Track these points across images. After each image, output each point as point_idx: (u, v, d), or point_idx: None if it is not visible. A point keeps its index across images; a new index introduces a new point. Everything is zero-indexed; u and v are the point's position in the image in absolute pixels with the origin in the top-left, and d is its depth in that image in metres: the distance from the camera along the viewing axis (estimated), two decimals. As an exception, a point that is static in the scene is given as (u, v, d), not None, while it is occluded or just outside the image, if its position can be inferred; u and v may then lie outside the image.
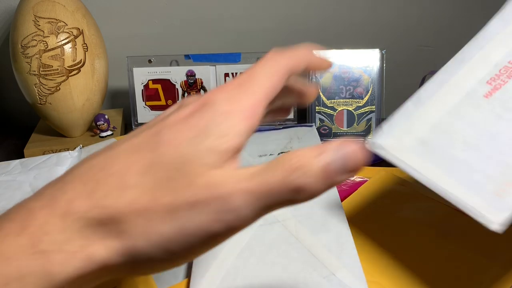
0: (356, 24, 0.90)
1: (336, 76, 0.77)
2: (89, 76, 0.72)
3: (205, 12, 0.89)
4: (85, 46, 0.71)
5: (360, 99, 0.77)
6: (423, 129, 0.29)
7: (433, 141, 0.27)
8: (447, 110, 0.28)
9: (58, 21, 0.69)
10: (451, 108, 0.28)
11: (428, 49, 0.92)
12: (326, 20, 0.89)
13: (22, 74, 0.70)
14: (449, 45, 0.92)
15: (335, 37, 0.90)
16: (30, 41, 0.68)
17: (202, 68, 0.80)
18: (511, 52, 0.27)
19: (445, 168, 0.26)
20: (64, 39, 0.69)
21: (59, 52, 0.69)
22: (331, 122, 0.77)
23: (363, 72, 0.76)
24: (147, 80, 0.80)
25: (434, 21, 0.90)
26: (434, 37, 0.91)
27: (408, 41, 0.91)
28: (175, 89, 0.80)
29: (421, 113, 0.29)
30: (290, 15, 0.89)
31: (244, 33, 0.90)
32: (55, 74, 0.69)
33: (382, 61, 0.77)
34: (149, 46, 0.89)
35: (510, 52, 0.27)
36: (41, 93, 0.70)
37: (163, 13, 0.88)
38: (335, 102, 0.77)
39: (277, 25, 0.89)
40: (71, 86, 0.70)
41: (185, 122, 0.25)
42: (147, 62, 0.79)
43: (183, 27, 0.89)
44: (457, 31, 0.91)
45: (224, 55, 0.80)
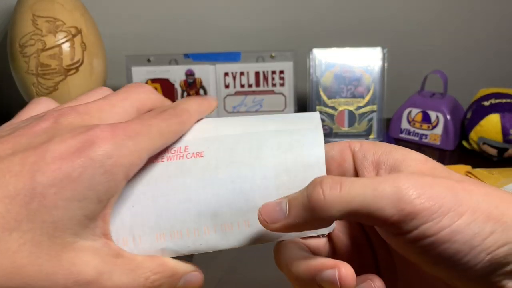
0: (358, 23, 0.89)
1: (337, 76, 0.76)
2: (87, 75, 0.71)
3: (204, 11, 0.88)
4: (83, 45, 0.70)
5: (361, 99, 0.76)
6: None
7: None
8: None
9: (57, 20, 0.68)
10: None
11: (430, 48, 0.91)
12: (326, 19, 0.89)
13: (20, 74, 0.69)
14: (451, 45, 0.91)
15: (336, 36, 0.89)
16: (28, 40, 0.67)
17: (201, 68, 0.79)
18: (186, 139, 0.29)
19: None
20: (62, 38, 0.68)
21: (57, 51, 0.68)
22: (332, 122, 0.77)
23: (364, 72, 0.76)
24: (146, 80, 0.79)
25: (435, 20, 0.90)
26: (435, 36, 0.91)
27: (410, 40, 0.90)
28: (174, 88, 0.80)
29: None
30: (290, 14, 0.88)
31: (244, 32, 0.89)
32: (53, 74, 0.68)
33: (383, 60, 0.76)
34: (148, 45, 0.89)
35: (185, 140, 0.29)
36: (39, 93, 0.69)
37: (162, 12, 0.88)
38: (336, 102, 0.77)
39: (277, 24, 0.89)
40: (69, 86, 0.70)
41: (65, 164, 0.22)
42: (146, 61, 0.79)
43: (182, 26, 0.89)
44: (459, 30, 0.90)
45: (223, 54, 0.79)
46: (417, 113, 0.78)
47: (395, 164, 0.25)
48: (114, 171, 0.23)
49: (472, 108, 0.76)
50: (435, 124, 0.76)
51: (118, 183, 0.23)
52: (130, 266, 0.24)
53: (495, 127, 0.71)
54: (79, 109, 0.25)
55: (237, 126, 0.29)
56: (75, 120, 0.24)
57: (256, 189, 0.26)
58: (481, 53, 0.92)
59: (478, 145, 0.73)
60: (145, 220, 0.26)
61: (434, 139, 0.77)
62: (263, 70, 0.79)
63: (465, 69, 0.92)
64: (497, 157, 0.72)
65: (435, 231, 0.22)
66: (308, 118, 0.29)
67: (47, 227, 0.21)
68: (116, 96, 0.27)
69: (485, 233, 0.22)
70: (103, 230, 0.24)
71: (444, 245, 0.22)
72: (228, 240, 0.27)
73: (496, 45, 0.91)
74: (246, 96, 0.80)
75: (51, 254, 0.21)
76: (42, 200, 0.21)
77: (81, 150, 0.22)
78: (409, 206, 0.22)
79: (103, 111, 0.25)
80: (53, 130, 0.23)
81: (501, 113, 0.71)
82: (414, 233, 0.22)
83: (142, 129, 0.24)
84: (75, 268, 0.22)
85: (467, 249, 0.22)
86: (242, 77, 0.79)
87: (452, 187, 0.23)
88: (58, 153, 0.22)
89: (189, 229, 0.26)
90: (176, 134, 0.27)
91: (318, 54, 0.76)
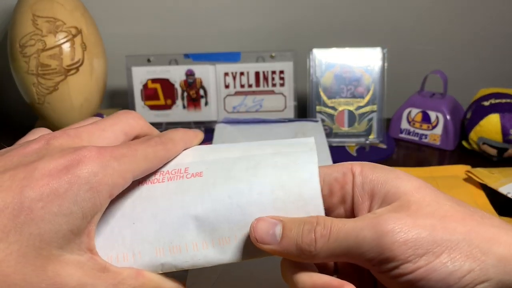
0: (357, 23, 0.89)
1: (337, 76, 0.76)
2: (87, 75, 0.71)
3: (204, 11, 0.88)
4: (83, 45, 0.70)
5: (361, 99, 0.76)
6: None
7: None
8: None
9: (57, 20, 0.68)
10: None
11: (430, 48, 0.91)
12: (326, 19, 0.89)
13: (20, 74, 0.69)
14: (451, 45, 0.91)
15: (336, 36, 0.89)
16: (28, 40, 0.67)
17: (201, 67, 0.79)
18: (183, 162, 0.30)
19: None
20: (62, 38, 0.68)
21: (58, 51, 0.68)
22: (332, 122, 0.77)
23: (364, 72, 0.76)
24: (146, 80, 0.79)
25: (435, 20, 0.90)
26: (435, 36, 0.91)
27: (410, 40, 0.90)
28: (174, 88, 0.80)
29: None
30: (291, 14, 0.88)
31: (244, 32, 0.89)
32: (53, 74, 0.69)
33: (383, 60, 0.76)
34: (148, 45, 0.89)
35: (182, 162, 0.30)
36: (39, 93, 0.69)
37: (162, 11, 0.88)
38: (336, 102, 0.77)
39: (277, 24, 0.89)
40: (69, 86, 0.70)
41: (53, 180, 0.23)
42: (146, 61, 0.79)
43: (182, 26, 0.89)
44: (459, 30, 0.90)
45: (223, 54, 0.79)
46: (417, 113, 0.78)
47: (386, 197, 0.27)
48: (99, 189, 0.24)
49: (472, 108, 0.76)
50: (435, 124, 0.77)
51: (102, 200, 0.24)
52: (113, 281, 0.25)
53: (495, 127, 0.71)
54: (70, 133, 0.26)
55: (236, 150, 0.31)
56: (65, 142, 0.25)
57: (252, 203, 0.27)
58: (481, 53, 0.92)
59: (478, 145, 0.73)
60: (145, 236, 0.27)
61: (434, 139, 0.77)
62: (263, 70, 0.79)
63: (465, 69, 0.92)
64: (497, 157, 0.72)
65: (411, 270, 0.24)
66: (303, 143, 0.31)
67: (33, 239, 0.22)
68: (106, 122, 0.28)
69: (462, 271, 0.23)
70: (88, 245, 0.25)
71: (421, 283, 0.24)
72: (226, 254, 0.27)
73: (496, 45, 0.91)
74: (246, 96, 0.80)
75: (36, 265, 0.22)
76: (30, 213, 0.22)
77: (68, 168, 0.23)
78: (387, 251, 0.24)
79: (93, 135, 0.27)
80: (44, 150, 0.25)
81: (501, 113, 0.71)
82: (394, 272, 0.24)
83: (128, 152, 0.26)
84: (59, 279, 0.23)
85: (443, 286, 0.23)
86: (242, 77, 0.79)
87: (432, 227, 0.24)
88: (46, 170, 0.23)
89: (187, 243, 0.27)
90: (161, 159, 0.28)
91: (318, 54, 0.76)
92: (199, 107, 0.81)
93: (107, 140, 0.27)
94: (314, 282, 0.25)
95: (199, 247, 0.27)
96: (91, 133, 0.27)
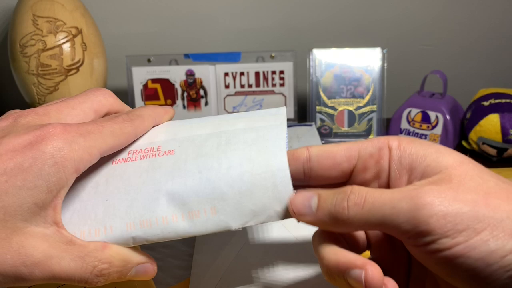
0: (357, 23, 0.89)
1: (337, 76, 0.76)
2: (88, 75, 0.71)
3: (204, 11, 0.88)
4: (84, 45, 0.70)
5: (361, 99, 0.76)
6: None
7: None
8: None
9: (57, 20, 0.68)
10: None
11: (430, 48, 0.91)
12: (326, 19, 0.89)
13: (20, 74, 0.69)
14: (451, 45, 0.91)
15: (336, 36, 0.89)
16: (28, 40, 0.68)
17: (201, 68, 0.79)
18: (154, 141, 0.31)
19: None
20: (62, 38, 0.68)
21: (58, 51, 0.68)
22: (332, 122, 0.77)
23: (364, 72, 0.76)
24: (146, 80, 0.79)
25: (435, 20, 0.90)
26: (435, 36, 0.91)
27: (410, 40, 0.90)
28: (174, 88, 0.80)
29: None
30: (290, 14, 0.88)
31: (244, 32, 0.89)
32: (53, 74, 0.69)
33: (383, 60, 0.76)
34: (148, 45, 0.89)
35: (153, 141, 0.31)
36: (39, 93, 0.70)
37: (162, 11, 0.88)
38: (336, 102, 0.77)
39: (277, 24, 0.89)
40: (69, 86, 0.70)
41: (17, 155, 0.23)
42: (146, 61, 0.79)
43: (182, 26, 0.89)
44: (459, 30, 0.90)
45: (224, 54, 0.79)
46: (416, 113, 0.78)
47: (425, 171, 0.26)
48: (64, 164, 0.24)
49: (472, 108, 0.76)
50: (435, 124, 0.77)
51: (68, 175, 0.25)
52: (79, 254, 0.25)
53: (495, 127, 0.71)
54: (38, 111, 0.27)
55: (208, 126, 0.32)
56: (32, 120, 0.26)
57: (221, 177, 0.28)
58: (481, 53, 0.92)
59: (478, 145, 0.73)
60: (117, 211, 0.28)
61: (434, 139, 0.77)
62: (263, 70, 0.79)
63: (465, 69, 0.92)
64: (496, 157, 0.72)
65: (449, 246, 0.22)
66: (274, 115, 0.32)
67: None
68: (75, 99, 0.28)
69: (504, 250, 0.22)
70: (54, 219, 0.25)
71: (459, 260, 0.22)
72: (195, 227, 0.28)
73: (496, 45, 0.91)
74: (246, 96, 0.80)
75: (1, 237, 0.23)
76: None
77: (33, 143, 0.24)
78: (424, 224, 0.23)
79: (62, 112, 0.27)
80: (10, 127, 0.25)
81: (500, 113, 0.71)
82: (430, 247, 0.23)
83: (94, 129, 0.26)
84: (23, 250, 0.23)
85: (482, 265, 0.22)
86: (242, 77, 0.79)
87: (474, 203, 0.23)
88: (11, 146, 0.24)
89: (157, 217, 0.28)
90: (129, 136, 0.29)
91: (318, 54, 0.77)
92: (199, 107, 0.81)
93: (76, 117, 0.28)
94: (338, 260, 0.25)
95: (169, 220, 0.28)
96: (59, 111, 0.27)
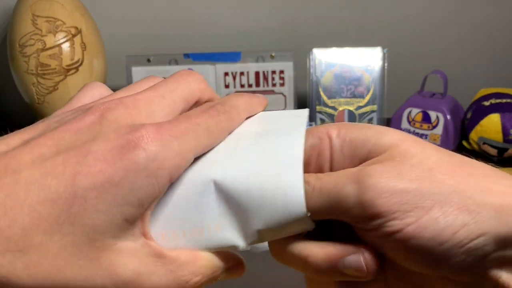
0: (358, 23, 0.89)
1: (337, 75, 0.76)
2: (87, 75, 0.71)
3: (204, 11, 0.88)
4: (83, 45, 0.70)
5: (361, 99, 0.76)
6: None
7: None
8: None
9: (56, 20, 0.68)
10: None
11: (430, 48, 0.91)
12: (326, 19, 0.89)
13: (20, 74, 0.69)
14: (451, 45, 0.91)
15: (336, 36, 0.89)
16: (28, 40, 0.67)
17: (201, 67, 0.79)
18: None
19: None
20: (62, 38, 0.68)
21: (57, 51, 0.68)
22: (332, 122, 0.77)
23: (364, 71, 0.76)
24: (146, 80, 0.79)
25: (435, 20, 0.90)
26: (436, 36, 0.91)
27: (410, 40, 0.90)
28: (174, 88, 0.80)
29: None
30: (290, 13, 0.88)
31: (244, 32, 0.89)
32: (53, 74, 0.68)
33: (383, 60, 0.76)
34: (148, 45, 0.89)
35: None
36: (39, 93, 0.69)
37: (162, 11, 0.88)
38: (336, 102, 0.76)
39: (277, 24, 0.89)
40: (69, 86, 0.70)
41: (108, 167, 0.21)
42: (146, 61, 0.79)
43: (182, 25, 0.89)
44: (459, 30, 0.90)
45: (223, 54, 0.79)
46: (417, 113, 0.78)
47: (368, 156, 0.24)
48: (157, 174, 0.22)
49: (472, 108, 0.76)
50: (435, 124, 0.76)
51: (161, 186, 0.23)
52: (171, 267, 0.24)
53: (495, 127, 0.71)
54: (127, 102, 0.24)
55: None
56: (121, 115, 0.23)
57: (226, 191, 0.25)
58: (481, 53, 0.92)
59: (478, 145, 0.73)
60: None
61: (434, 139, 0.77)
62: (263, 70, 0.79)
63: (465, 69, 0.92)
64: (497, 157, 0.72)
65: (399, 228, 0.22)
66: (294, 116, 0.28)
67: (87, 230, 0.21)
68: (165, 87, 0.25)
69: (455, 226, 0.21)
70: (142, 230, 0.23)
71: (411, 242, 0.22)
72: (199, 245, 0.25)
73: (497, 45, 0.91)
74: (246, 96, 0.80)
75: (90, 256, 0.22)
76: (83, 203, 0.21)
77: (124, 151, 0.22)
78: (371, 207, 0.22)
79: (152, 103, 0.24)
80: (98, 126, 0.23)
81: (501, 113, 0.71)
82: (381, 231, 0.22)
83: (189, 128, 0.23)
84: (113, 269, 0.22)
85: (435, 245, 0.21)
86: (242, 77, 0.79)
87: (419, 179, 0.22)
88: (100, 155, 0.21)
89: (156, 234, 0.25)
90: (224, 132, 0.26)
91: (318, 54, 0.76)
92: (199, 107, 0.81)
93: (167, 108, 0.25)
94: (328, 252, 0.24)
95: (169, 238, 0.25)
96: (149, 101, 0.24)
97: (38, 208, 0.21)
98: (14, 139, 0.23)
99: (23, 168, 0.21)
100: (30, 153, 0.22)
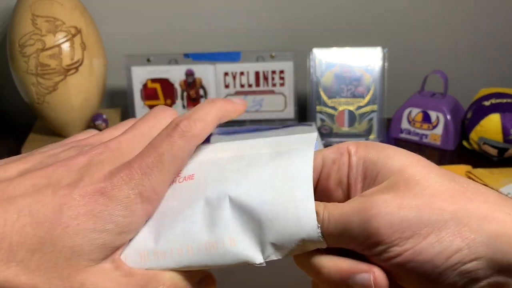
0: (358, 23, 0.89)
1: (337, 75, 0.76)
2: (87, 75, 0.71)
3: (204, 11, 0.88)
4: (83, 45, 0.70)
5: (362, 99, 0.76)
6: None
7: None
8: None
9: (56, 20, 0.68)
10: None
11: (430, 48, 0.91)
12: (326, 18, 0.89)
13: (19, 74, 0.69)
14: (451, 45, 0.91)
15: (336, 36, 0.89)
16: (27, 40, 0.67)
17: (201, 67, 0.79)
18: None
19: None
20: (62, 38, 0.68)
21: (57, 51, 0.68)
22: (332, 122, 0.77)
23: (365, 71, 0.76)
24: (145, 80, 0.79)
25: (436, 20, 0.90)
26: (436, 36, 0.91)
27: (410, 40, 0.90)
28: (174, 88, 0.80)
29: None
30: (291, 13, 0.88)
31: (244, 31, 0.89)
32: (53, 73, 0.68)
33: (383, 60, 0.76)
34: (148, 45, 0.89)
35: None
36: (38, 93, 0.69)
37: (162, 11, 0.88)
38: (336, 102, 0.76)
39: (277, 24, 0.89)
40: (69, 86, 0.70)
41: (90, 203, 0.25)
42: (145, 61, 0.79)
43: (182, 25, 0.89)
44: (459, 30, 0.90)
45: (223, 54, 0.79)
46: (417, 113, 0.78)
47: (377, 178, 0.27)
48: (133, 208, 0.26)
49: (473, 108, 0.76)
50: (436, 124, 0.76)
51: (138, 218, 0.26)
52: (140, 282, 0.26)
53: (496, 127, 0.71)
54: (111, 146, 0.27)
55: (232, 150, 0.30)
56: (106, 158, 0.27)
57: (240, 206, 0.27)
58: (481, 53, 0.92)
59: (479, 145, 0.73)
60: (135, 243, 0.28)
61: (435, 139, 0.77)
62: (263, 70, 0.79)
63: (466, 69, 0.92)
64: (497, 157, 0.72)
65: (399, 253, 0.24)
66: (304, 139, 0.30)
67: (66, 251, 0.24)
68: (146, 124, 0.29)
69: (449, 251, 0.23)
70: (117, 255, 0.26)
71: (409, 265, 0.24)
72: (213, 259, 0.27)
73: (497, 45, 0.91)
74: (246, 96, 0.80)
75: (63, 275, 0.24)
76: (66, 228, 0.24)
77: (103, 192, 0.25)
78: (374, 235, 0.24)
79: (132, 143, 0.28)
80: (86, 167, 0.26)
81: (501, 113, 0.71)
82: (383, 256, 0.24)
83: (155, 161, 0.26)
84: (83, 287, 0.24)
85: (430, 268, 0.23)
86: (242, 77, 0.79)
87: (418, 208, 0.24)
88: (84, 191, 0.25)
89: (172, 249, 0.27)
90: (190, 151, 0.28)
91: (318, 54, 0.76)
92: (199, 107, 0.81)
93: (145, 144, 0.28)
94: (340, 267, 0.25)
95: (184, 252, 0.27)
96: (131, 141, 0.28)
97: (26, 229, 0.24)
98: (11, 168, 0.27)
99: (18, 194, 0.25)
100: (24, 183, 0.25)
